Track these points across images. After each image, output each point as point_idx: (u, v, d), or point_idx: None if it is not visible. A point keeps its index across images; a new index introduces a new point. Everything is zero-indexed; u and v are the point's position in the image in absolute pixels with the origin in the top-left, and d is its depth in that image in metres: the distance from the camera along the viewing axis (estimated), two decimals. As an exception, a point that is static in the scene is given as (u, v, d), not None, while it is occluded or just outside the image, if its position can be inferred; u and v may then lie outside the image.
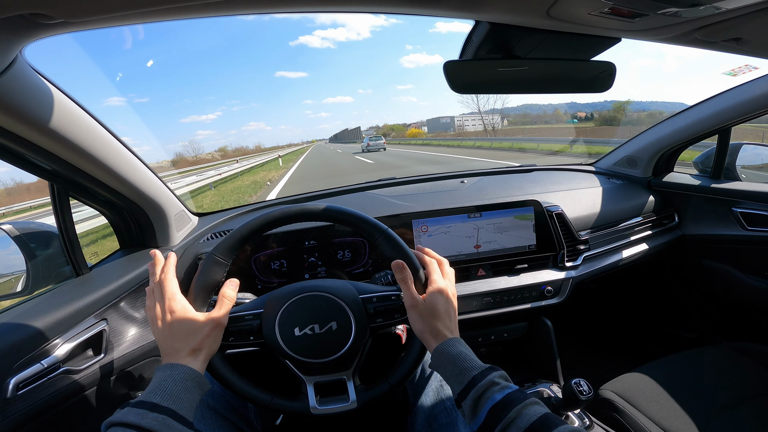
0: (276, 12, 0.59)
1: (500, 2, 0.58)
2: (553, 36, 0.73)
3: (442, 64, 0.79)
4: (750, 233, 1.44)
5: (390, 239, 0.81)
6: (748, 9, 0.58)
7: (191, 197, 10.59)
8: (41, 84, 0.72)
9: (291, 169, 17.52)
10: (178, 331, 0.69)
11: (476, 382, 0.64)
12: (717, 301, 1.67)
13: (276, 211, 0.81)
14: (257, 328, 0.78)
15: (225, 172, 15.81)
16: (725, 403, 1.04)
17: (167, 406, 0.59)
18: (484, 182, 1.64)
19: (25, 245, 1.01)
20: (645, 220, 1.59)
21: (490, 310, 1.31)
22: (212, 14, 0.56)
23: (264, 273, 1.23)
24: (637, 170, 1.76)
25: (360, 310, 0.79)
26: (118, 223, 1.17)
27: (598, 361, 1.91)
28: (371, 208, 1.38)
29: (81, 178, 0.93)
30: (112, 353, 0.97)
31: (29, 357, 0.79)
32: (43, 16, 0.49)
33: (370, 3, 0.59)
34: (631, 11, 0.59)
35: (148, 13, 0.53)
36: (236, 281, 0.79)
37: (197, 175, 14.08)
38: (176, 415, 0.58)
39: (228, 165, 21.77)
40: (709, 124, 1.47)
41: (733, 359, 1.19)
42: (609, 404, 1.08)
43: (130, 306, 1.05)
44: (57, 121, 0.76)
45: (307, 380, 0.80)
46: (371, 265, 1.28)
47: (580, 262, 1.39)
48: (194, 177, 13.54)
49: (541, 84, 0.90)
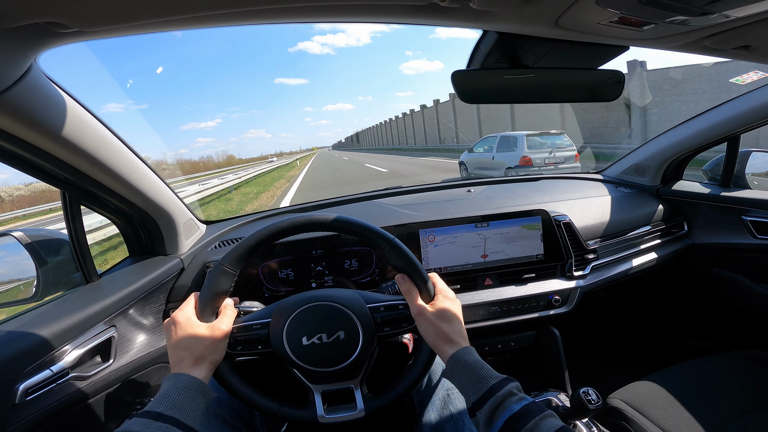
0: (286, 22, 0.60)
1: (510, 13, 0.59)
2: (562, 45, 0.73)
3: (450, 74, 0.79)
4: (760, 242, 1.42)
5: (397, 249, 0.81)
6: (757, 17, 0.58)
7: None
8: (55, 92, 0.73)
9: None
10: (181, 341, 0.71)
11: (495, 391, 0.64)
12: (727, 309, 1.65)
13: (284, 221, 0.81)
14: (265, 337, 0.78)
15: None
16: (736, 411, 1.03)
17: (171, 415, 0.60)
18: (491, 191, 1.64)
19: (36, 252, 1.02)
20: (654, 229, 1.58)
21: (498, 320, 1.30)
22: (221, 24, 0.57)
23: (271, 282, 1.23)
24: (645, 178, 1.75)
25: (368, 319, 0.79)
26: (128, 231, 1.18)
27: (607, 369, 1.89)
28: (378, 217, 1.38)
29: (92, 186, 0.94)
30: (120, 360, 0.97)
31: (38, 363, 0.79)
32: (58, 24, 0.50)
33: (380, 14, 0.59)
34: (640, 20, 0.59)
35: (160, 23, 0.54)
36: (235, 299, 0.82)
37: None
38: (180, 424, 0.60)
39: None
40: (717, 132, 1.46)
41: (743, 367, 1.17)
42: (618, 413, 1.06)
43: (138, 313, 1.06)
44: (70, 130, 0.77)
45: (314, 389, 0.80)
46: (378, 274, 1.28)
47: (588, 271, 1.38)
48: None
49: (549, 93, 0.90)
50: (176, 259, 1.19)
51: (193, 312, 0.75)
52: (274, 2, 0.51)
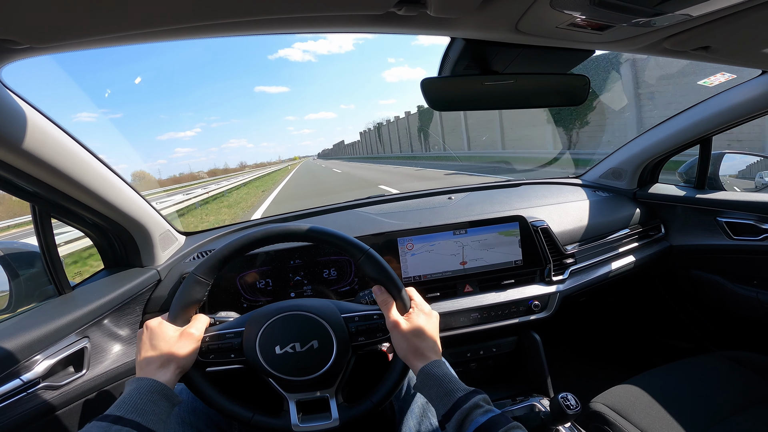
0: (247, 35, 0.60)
1: (468, 19, 0.59)
2: (528, 50, 0.74)
3: (420, 82, 0.80)
4: (736, 243, 1.44)
5: (372, 259, 0.82)
6: (714, 16, 0.60)
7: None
8: (17, 105, 0.72)
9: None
10: (149, 344, 0.71)
11: (461, 404, 0.65)
12: (708, 310, 1.67)
13: (258, 231, 0.82)
14: (238, 346, 0.78)
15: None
16: (719, 412, 1.03)
17: (131, 418, 0.60)
18: (471, 198, 1.65)
19: (8, 265, 1.02)
20: (632, 232, 1.59)
21: (478, 326, 1.30)
22: (174, 39, 0.57)
23: (249, 292, 1.22)
24: (622, 182, 1.77)
25: (342, 329, 0.80)
26: (102, 243, 1.17)
27: (591, 372, 1.90)
28: (357, 226, 1.38)
29: (62, 199, 0.93)
30: (94, 370, 0.96)
31: (8, 372, 0.79)
32: (9, 41, 0.50)
33: (342, 24, 0.60)
34: (598, 23, 0.60)
35: (114, 38, 0.53)
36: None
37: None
38: (141, 427, 0.59)
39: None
40: (689, 135, 1.49)
41: (726, 368, 1.18)
42: (600, 417, 1.06)
43: (113, 324, 1.05)
44: (35, 143, 0.76)
45: (289, 398, 0.80)
46: (357, 283, 1.28)
47: (567, 276, 1.39)
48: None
49: (520, 99, 0.91)
50: (152, 271, 1.18)
51: (166, 319, 0.76)
52: (234, 16, 0.51)
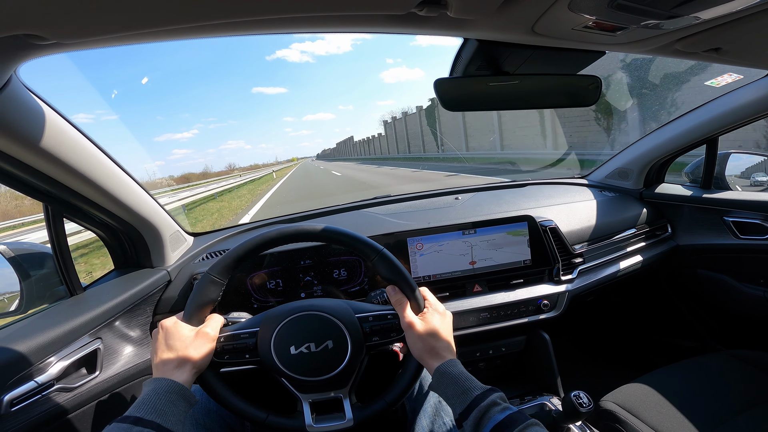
0: (266, 33, 0.61)
1: (487, 20, 0.60)
2: (540, 51, 0.75)
3: (433, 82, 0.80)
4: (743, 242, 1.45)
5: (386, 259, 0.82)
6: (725, 18, 0.60)
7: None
8: (36, 104, 0.72)
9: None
10: (165, 344, 0.71)
11: (478, 402, 0.65)
12: (715, 309, 1.67)
13: (272, 231, 0.82)
14: (253, 346, 0.78)
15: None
16: (728, 411, 1.04)
17: (151, 419, 0.59)
18: (478, 198, 1.65)
19: (19, 265, 1.02)
20: (639, 232, 1.60)
21: (487, 325, 1.30)
22: (198, 36, 0.57)
23: (260, 292, 1.23)
24: (628, 182, 1.78)
25: (356, 329, 0.80)
26: (113, 243, 1.17)
27: (599, 372, 1.90)
28: (366, 226, 1.38)
29: (75, 198, 0.93)
30: (107, 372, 0.97)
31: (23, 375, 0.79)
32: (36, 37, 0.50)
33: (360, 24, 0.60)
34: (612, 25, 0.61)
35: (139, 35, 0.54)
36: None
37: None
38: (161, 428, 0.59)
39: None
40: (695, 135, 1.49)
41: (733, 367, 1.18)
42: (611, 415, 1.07)
43: (125, 325, 1.05)
44: (51, 142, 0.76)
45: (303, 398, 0.79)
46: (367, 283, 1.28)
47: (575, 275, 1.39)
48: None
49: (531, 99, 0.92)
50: (163, 272, 1.18)
51: (181, 319, 0.76)
52: (255, 14, 0.52)
